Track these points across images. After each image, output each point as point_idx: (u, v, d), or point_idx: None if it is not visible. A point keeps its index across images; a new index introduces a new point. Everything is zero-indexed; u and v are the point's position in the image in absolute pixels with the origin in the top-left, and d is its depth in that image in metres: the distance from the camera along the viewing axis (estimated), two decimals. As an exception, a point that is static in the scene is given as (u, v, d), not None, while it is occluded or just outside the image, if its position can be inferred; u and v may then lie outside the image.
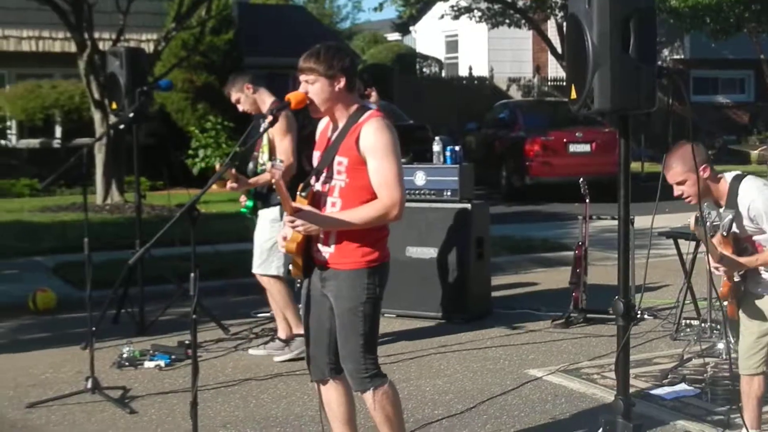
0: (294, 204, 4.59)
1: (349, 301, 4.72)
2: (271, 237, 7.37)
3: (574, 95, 3.62)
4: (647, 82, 3.53)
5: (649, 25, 3.56)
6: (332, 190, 4.75)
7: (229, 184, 7.37)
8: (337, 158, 4.73)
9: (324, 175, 4.79)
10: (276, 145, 7.44)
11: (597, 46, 3.50)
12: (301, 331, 7.56)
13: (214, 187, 5.02)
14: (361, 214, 4.65)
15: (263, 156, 7.55)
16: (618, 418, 3.76)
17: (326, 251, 4.76)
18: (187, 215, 4.49)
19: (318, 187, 4.80)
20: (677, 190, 4.90)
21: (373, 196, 4.70)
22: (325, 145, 4.88)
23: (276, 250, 7.44)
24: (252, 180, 7.47)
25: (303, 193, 4.73)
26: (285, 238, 4.82)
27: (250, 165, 7.69)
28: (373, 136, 4.66)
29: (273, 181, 4.47)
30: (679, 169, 4.85)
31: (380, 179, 4.65)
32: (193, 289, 4.69)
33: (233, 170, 7.29)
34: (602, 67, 3.50)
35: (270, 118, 4.70)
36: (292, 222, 4.58)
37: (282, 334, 7.75)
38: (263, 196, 7.57)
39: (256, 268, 7.65)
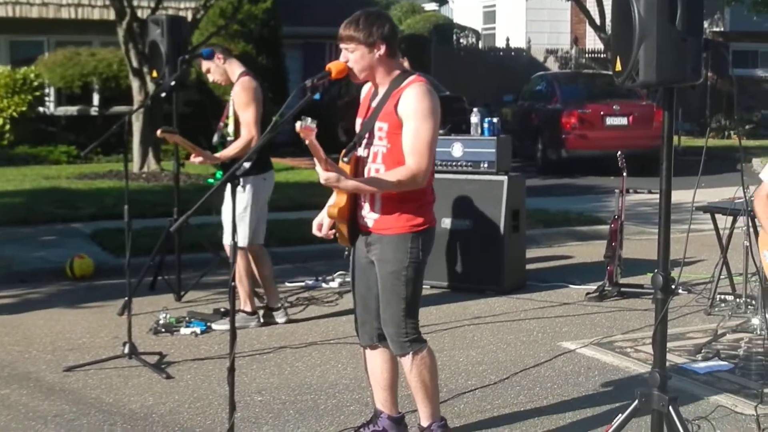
0: (329, 174, 4.59)
1: (392, 265, 4.79)
2: (243, 207, 7.33)
3: (619, 67, 3.60)
4: (693, 55, 3.51)
5: (697, -6, 3.56)
6: (375, 156, 4.80)
7: (192, 158, 7.38)
8: (378, 123, 4.77)
9: (366, 141, 4.82)
10: (239, 117, 7.47)
11: (643, 17, 3.48)
12: (247, 309, 7.60)
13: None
14: (388, 180, 4.69)
15: (228, 127, 7.60)
16: (654, 391, 3.76)
17: (372, 217, 4.84)
18: (227, 184, 4.53)
19: (361, 152, 4.83)
20: None
21: None
22: (366, 112, 4.90)
23: (243, 221, 7.42)
24: (218, 154, 7.49)
25: (345, 159, 4.77)
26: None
27: (215, 137, 7.73)
28: (413, 101, 4.68)
29: (307, 142, 4.47)
30: None
31: (411, 145, 4.69)
32: (232, 257, 4.74)
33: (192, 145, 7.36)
34: (648, 39, 3.47)
35: (309, 84, 4.69)
36: (327, 179, 4.57)
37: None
38: (228, 167, 7.51)
39: (225, 239, 7.51)
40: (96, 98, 21.22)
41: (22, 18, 21.14)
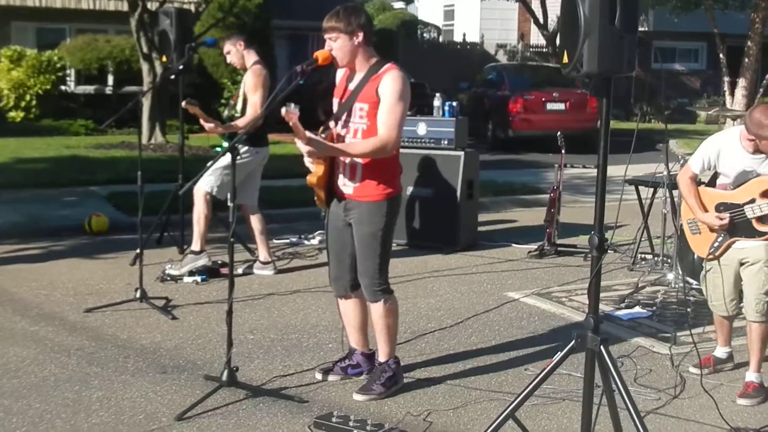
0: (308, 134, 4.59)
1: (369, 227, 4.81)
2: (221, 165, 7.23)
3: (566, 60, 3.61)
4: (629, 50, 3.54)
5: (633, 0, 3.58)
6: (355, 132, 4.82)
7: (205, 124, 7.28)
8: (358, 104, 4.77)
9: (344, 119, 4.82)
10: (248, 98, 7.49)
11: (588, 17, 3.50)
12: (197, 248, 7.51)
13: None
14: (360, 147, 4.73)
15: (238, 105, 7.63)
16: (588, 333, 3.80)
17: (352, 185, 4.85)
18: (229, 152, 4.52)
19: (339, 130, 4.83)
20: None
21: None
22: (342, 93, 4.89)
23: (217, 175, 7.37)
24: (230, 124, 7.44)
25: (323, 135, 4.75)
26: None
27: (226, 111, 7.84)
28: (391, 83, 4.71)
29: (291, 123, 4.47)
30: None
31: (384, 119, 4.72)
32: (231, 216, 4.76)
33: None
34: (591, 36, 3.49)
35: (299, 70, 4.66)
36: (309, 151, 4.61)
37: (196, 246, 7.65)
38: (232, 137, 7.49)
39: (200, 182, 7.32)
40: (110, 79, 20.99)
41: (47, 8, 20.88)
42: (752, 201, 5.01)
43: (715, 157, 5.17)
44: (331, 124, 4.86)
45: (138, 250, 6.94)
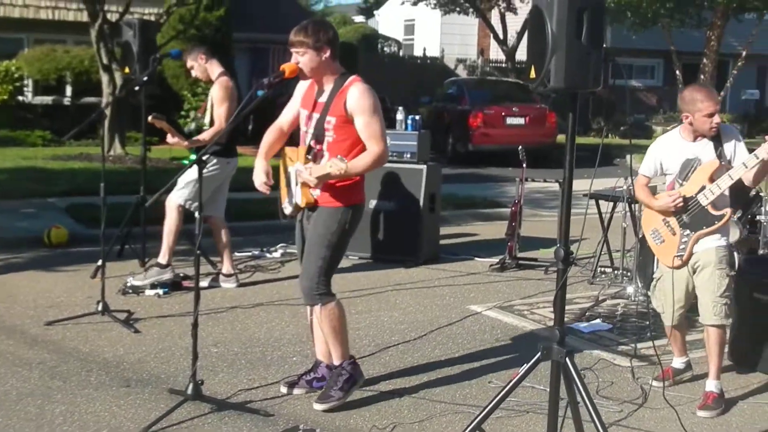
0: (315, 173, 4.70)
1: (321, 229, 4.87)
2: (194, 178, 7.19)
3: (533, 75, 3.67)
4: (595, 66, 3.61)
5: (599, 16, 3.63)
6: (326, 144, 4.86)
7: (169, 138, 7.32)
8: (327, 118, 4.81)
9: (314, 132, 4.87)
10: (213, 111, 7.48)
11: (555, 33, 3.56)
12: (163, 261, 7.49)
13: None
14: (360, 164, 4.79)
15: (205, 118, 7.61)
16: (554, 345, 3.85)
17: (315, 193, 4.90)
18: (196, 164, 4.52)
19: (314, 145, 4.87)
20: (717, 118, 5.09)
21: (353, 149, 4.79)
22: (313, 107, 4.92)
23: (190, 188, 7.36)
24: (194, 138, 7.42)
25: (309, 156, 4.81)
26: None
27: (192, 125, 7.78)
28: (360, 98, 4.77)
29: (309, 181, 4.71)
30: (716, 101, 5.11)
31: (370, 134, 4.79)
32: (198, 228, 4.76)
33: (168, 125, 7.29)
34: (558, 52, 3.55)
35: (266, 82, 4.68)
36: (317, 184, 4.77)
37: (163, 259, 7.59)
38: (200, 150, 7.49)
39: (172, 194, 7.39)
40: (69, 90, 20.78)
41: (5, 17, 20.62)
42: (702, 188, 5.18)
43: (660, 156, 5.37)
44: (312, 142, 4.88)
45: (99, 263, 6.88)
